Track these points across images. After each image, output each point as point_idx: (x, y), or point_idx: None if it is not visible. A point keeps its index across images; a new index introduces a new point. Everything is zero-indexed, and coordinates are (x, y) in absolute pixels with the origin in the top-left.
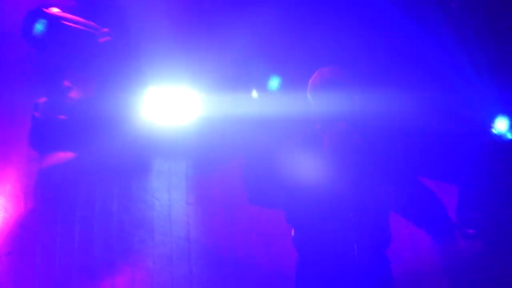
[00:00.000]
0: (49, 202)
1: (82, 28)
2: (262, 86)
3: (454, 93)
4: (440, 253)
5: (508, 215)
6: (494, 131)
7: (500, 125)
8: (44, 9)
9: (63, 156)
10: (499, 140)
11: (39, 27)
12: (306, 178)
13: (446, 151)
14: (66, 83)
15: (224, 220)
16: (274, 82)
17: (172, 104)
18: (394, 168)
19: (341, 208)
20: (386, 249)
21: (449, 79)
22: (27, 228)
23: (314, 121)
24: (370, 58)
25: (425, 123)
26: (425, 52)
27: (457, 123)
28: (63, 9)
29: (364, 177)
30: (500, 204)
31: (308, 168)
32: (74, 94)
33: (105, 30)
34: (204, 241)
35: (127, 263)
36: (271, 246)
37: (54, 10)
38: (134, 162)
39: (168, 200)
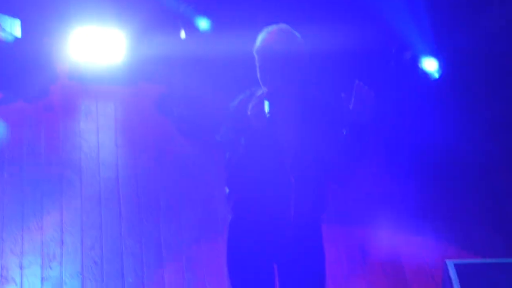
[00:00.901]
0: None
1: None
2: (190, 26)
3: (384, 33)
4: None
5: (435, 156)
6: (423, 70)
7: (428, 65)
8: None
9: None
10: (427, 80)
11: None
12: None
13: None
14: None
15: (153, 162)
16: (203, 23)
17: (99, 45)
18: (333, 128)
19: (281, 168)
20: (322, 214)
21: (380, 18)
22: None
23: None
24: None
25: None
26: None
27: (385, 64)
28: None
29: (305, 139)
30: (426, 144)
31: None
32: None
33: None
34: (134, 183)
35: (55, 204)
36: (200, 189)
37: None
38: (62, 103)
39: (96, 142)
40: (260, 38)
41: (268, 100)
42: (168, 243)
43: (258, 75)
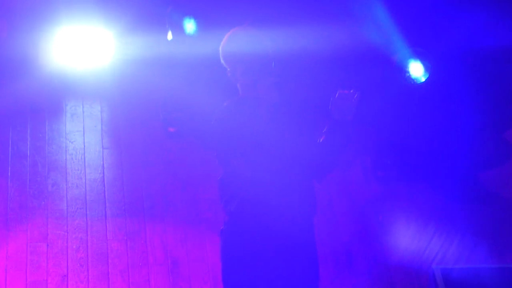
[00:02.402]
0: None
1: None
2: (178, 28)
3: (369, 36)
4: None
5: (421, 160)
6: (409, 75)
7: (414, 69)
8: None
9: None
10: (414, 84)
11: None
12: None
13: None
14: None
15: (139, 164)
16: (190, 24)
17: (86, 45)
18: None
19: (272, 171)
20: (314, 215)
21: (363, 20)
22: None
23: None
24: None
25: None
26: None
27: (372, 67)
28: None
29: (289, 139)
30: (413, 149)
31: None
32: None
33: None
34: (119, 184)
35: (41, 206)
36: (188, 189)
37: None
38: (47, 104)
39: (82, 143)
40: (225, 42)
41: (246, 102)
42: (154, 245)
43: (232, 78)
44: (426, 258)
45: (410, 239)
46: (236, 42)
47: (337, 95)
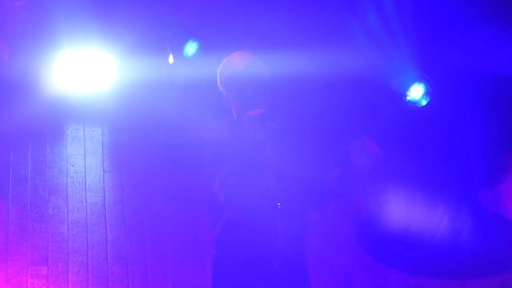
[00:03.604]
0: None
1: None
2: (178, 51)
3: (368, 60)
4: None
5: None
6: (409, 98)
7: (414, 92)
8: None
9: None
10: (413, 107)
11: None
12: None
13: (362, 119)
14: None
15: (140, 187)
16: (191, 47)
17: (87, 68)
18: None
19: (266, 194)
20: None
21: (362, 44)
22: None
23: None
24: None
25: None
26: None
27: (372, 90)
28: None
29: (284, 163)
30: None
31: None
32: None
33: None
34: (120, 208)
35: (41, 229)
36: (187, 212)
37: None
38: (48, 127)
39: (83, 167)
40: (221, 66)
41: (238, 126)
42: (154, 268)
43: (227, 102)
44: (425, 281)
45: (406, 260)
46: (232, 67)
47: (359, 146)
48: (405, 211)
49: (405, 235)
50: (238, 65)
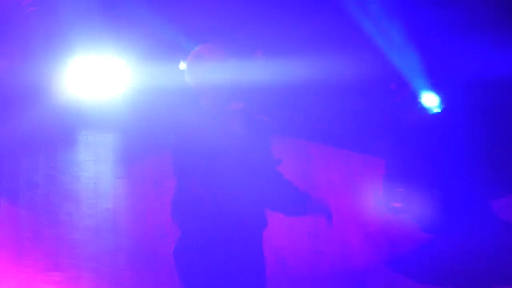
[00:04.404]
0: None
1: None
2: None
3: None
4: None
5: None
6: (422, 106)
7: (428, 100)
8: None
9: None
10: (427, 115)
11: None
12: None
13: (374, 126)
14: None
15: (151, 193)
16: None
17: (99, 74)
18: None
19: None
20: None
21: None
22: None
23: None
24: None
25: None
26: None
27: (386, 98)
28: None
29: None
30: (427, 179)
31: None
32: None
33: None
34: (132, 214)
35: (53, 235)
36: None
37: None
38: (60, 134)
39: (95, 173)
40: (194, 60)
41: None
42: (166, 275)
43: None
44: None
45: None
46: (204, 61)
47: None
48: (413, 213)
49: (414, 239)
50: (210, 58)
